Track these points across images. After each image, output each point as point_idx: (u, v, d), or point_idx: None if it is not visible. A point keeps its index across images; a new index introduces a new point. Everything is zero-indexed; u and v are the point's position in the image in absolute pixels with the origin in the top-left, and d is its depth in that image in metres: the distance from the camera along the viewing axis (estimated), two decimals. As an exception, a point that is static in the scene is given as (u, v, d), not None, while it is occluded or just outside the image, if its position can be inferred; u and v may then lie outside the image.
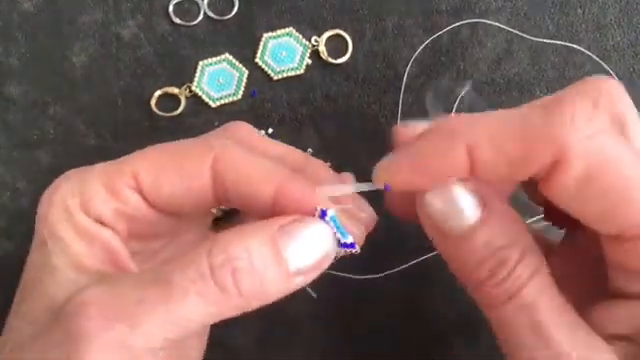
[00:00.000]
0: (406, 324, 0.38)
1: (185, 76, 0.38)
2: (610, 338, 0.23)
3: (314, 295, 0.36)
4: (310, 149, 0.38)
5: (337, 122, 0.38)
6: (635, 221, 0.21)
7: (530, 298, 0.23)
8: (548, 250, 0.25)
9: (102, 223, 0.27)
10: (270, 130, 0.38)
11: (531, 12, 0.38)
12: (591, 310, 0.24)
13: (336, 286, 0.38)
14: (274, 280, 0.23)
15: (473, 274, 0.24)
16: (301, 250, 0.24)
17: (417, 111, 0.38)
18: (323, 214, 0.24)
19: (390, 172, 0.25)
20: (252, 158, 0.26)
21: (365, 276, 0.29)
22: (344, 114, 0.38)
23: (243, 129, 0.30)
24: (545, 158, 0.22)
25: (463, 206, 0.24)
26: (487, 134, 0.22)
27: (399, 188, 0.25)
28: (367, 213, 0.27)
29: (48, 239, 0.26)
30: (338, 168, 0.37)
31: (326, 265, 0.25)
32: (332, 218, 0.24)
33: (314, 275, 0.24)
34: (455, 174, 0.23)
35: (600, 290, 0.24)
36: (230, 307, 0.23)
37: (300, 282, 0.24)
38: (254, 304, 0.24)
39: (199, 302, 0.22)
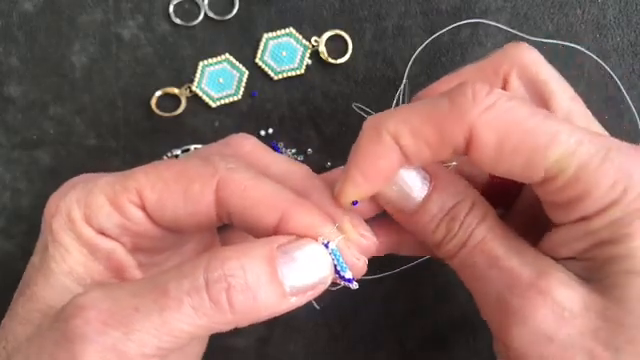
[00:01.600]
0: (406, 324, 0.38)
1: (185, 76, 0.38)
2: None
3: (317, 307, 0.36)
4: (310, 149, 0.38)
5: (337, 122, 0.38)
6: (547, 165, 0.24)
7: (480, 236, 0.26)
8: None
9: (105, 235, 0.27)
10: (270, 130, 0.38)
11: (531, 12, 0.38)
12: (538, 243, 0.27)
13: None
14: (268, 299, 0.24)
15: (433, 238, 0.27)
16: (298, 270, 0.24)
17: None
18: (325, 247, 0.25)
19: (347, 193, 0.26)
20: (256, 184, 0.26)
21: (365, 277, 0.29)
22: (344, 114, 0.38)
23: (247, 144, 0.30)
24: (459, 137, 0.24)
25: (411, 187, 0.27)
26: (405, 123, 0.25)
27: (363, 198, 0.27)
28: (368, 240, 0.28)
29: (50, 245, 0.26)
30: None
31: (322, 288, 0.25)
32: (333, 252, 0.25)
33: (310, 297, 0.25)
34: (393, 165, 0.26)
35: (545, 225, 0.27)
36: (221, 322, 0.24)
37: (295, 302, 0.25)
38: (245, 321, 0.24)
39: (192, 314, 0.23)
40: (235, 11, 0.38)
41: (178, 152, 0.38)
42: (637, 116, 0.38)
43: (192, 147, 0.38)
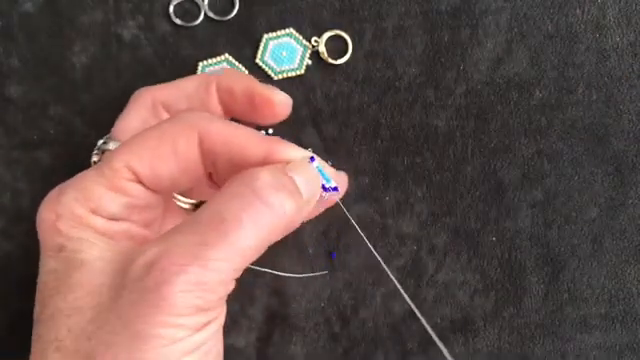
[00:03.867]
0: (406, 324, 0.38)
1: (185, 76, 0.38)
2: None
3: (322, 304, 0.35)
4: (310, 149, 0.38)
5: (337, 122, 0.38)
6: None
7: None
8: None
9: (116, 220, 0.28)
10: (270, 130, 0.38)
11: (531, 12, 0.39)
12: None
13: (336, 286, 0.38)
14: (299, 201, 0.27)
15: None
16: (304, 183, 0.27)
17: (417, 112, 0.38)
18: (312, 160, 0.28)
19: None
20: (234, 128, 0.28)
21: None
22: (344, 114, 0.38)
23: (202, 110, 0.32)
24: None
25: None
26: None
27: None
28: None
29: (67, 243, 0.26)
30: (338, 168, 0.38)
31: (316, 199, 0.28)
32: (318, 168, 0.28)
33: (312, 206, 0.28)
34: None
35: None
36: (279, 227, 0.26)
37: (306, 212, 0.28)
38: (293, 225, 0.27)
39: (253, 227, 0.25)
40: (235, 11, 0.38)
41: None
42: (634, 117, 0.38)
43: None
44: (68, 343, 0.25)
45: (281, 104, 0.32)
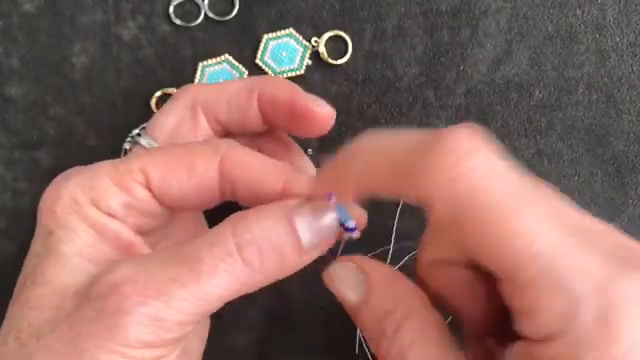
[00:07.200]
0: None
1: (185, 77, 0.38)
2: None
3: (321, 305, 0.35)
4: (310, 149, 0.38)
5: (337, 122, 0.38)
6: (500, 264, 0.22)
7: None
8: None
9: (112, 216, 0.27)
10: (270, 130, 0.38)
11: (531, 12, 0.39)
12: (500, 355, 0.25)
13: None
14: (291, 257, 0.25)
15: (368, 340, 0.27)
16: (311, 228, 0.26)
17: (417, 112, 0.38)
18: (329, 198, 0.27)
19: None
20: (257, 157, 0.28)
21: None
22: (344, 114, 0.38)
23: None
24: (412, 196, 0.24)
25: (348, 284, 0.27)
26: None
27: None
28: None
29: (56, 229, 0.27)
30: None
31: (330, 243, 0.27)
32: (337, 205, 0.27)
33: (321, 251, 0.27)
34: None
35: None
36: (253, 283, 0.25)
37: (309, 258, 0.26)
38: (271, 280, 0.26)
39: (226, 279, 0.24)
40: (235, 12, 0.38)
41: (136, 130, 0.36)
42: (634, 117, 0.38)
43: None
44: (24, 336, 0.25)
45: (323, 118, 0.31)
